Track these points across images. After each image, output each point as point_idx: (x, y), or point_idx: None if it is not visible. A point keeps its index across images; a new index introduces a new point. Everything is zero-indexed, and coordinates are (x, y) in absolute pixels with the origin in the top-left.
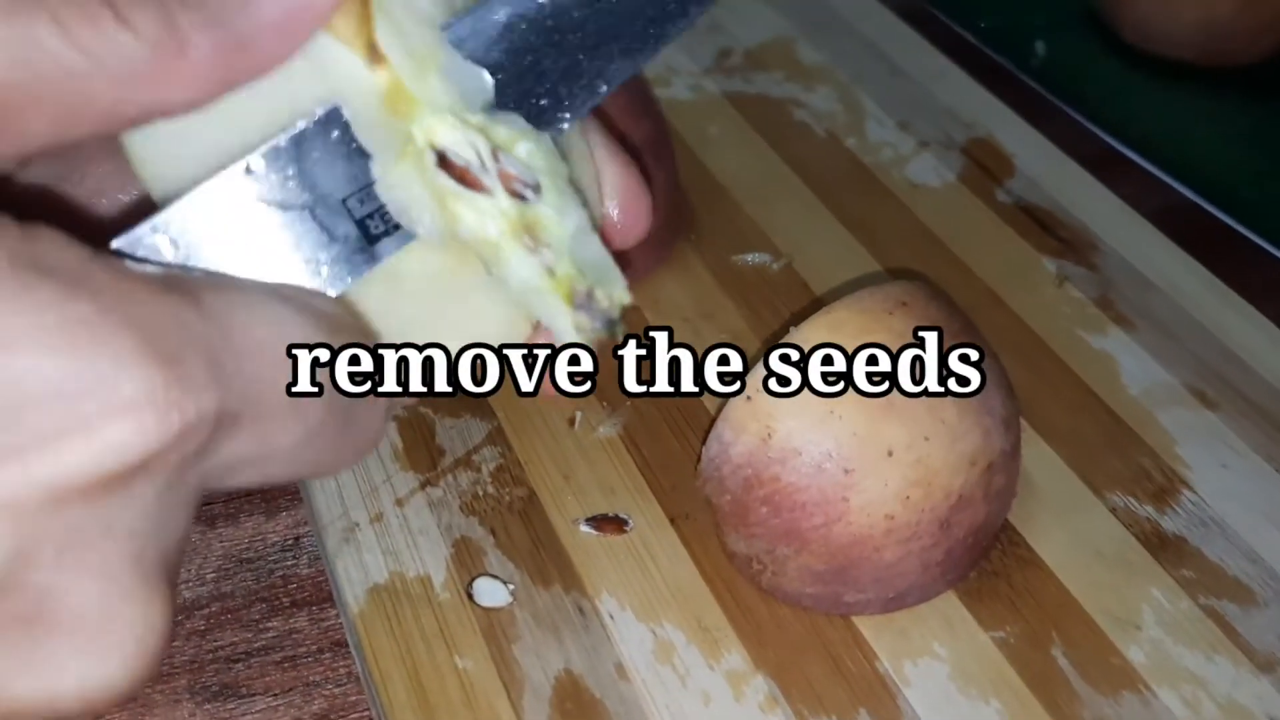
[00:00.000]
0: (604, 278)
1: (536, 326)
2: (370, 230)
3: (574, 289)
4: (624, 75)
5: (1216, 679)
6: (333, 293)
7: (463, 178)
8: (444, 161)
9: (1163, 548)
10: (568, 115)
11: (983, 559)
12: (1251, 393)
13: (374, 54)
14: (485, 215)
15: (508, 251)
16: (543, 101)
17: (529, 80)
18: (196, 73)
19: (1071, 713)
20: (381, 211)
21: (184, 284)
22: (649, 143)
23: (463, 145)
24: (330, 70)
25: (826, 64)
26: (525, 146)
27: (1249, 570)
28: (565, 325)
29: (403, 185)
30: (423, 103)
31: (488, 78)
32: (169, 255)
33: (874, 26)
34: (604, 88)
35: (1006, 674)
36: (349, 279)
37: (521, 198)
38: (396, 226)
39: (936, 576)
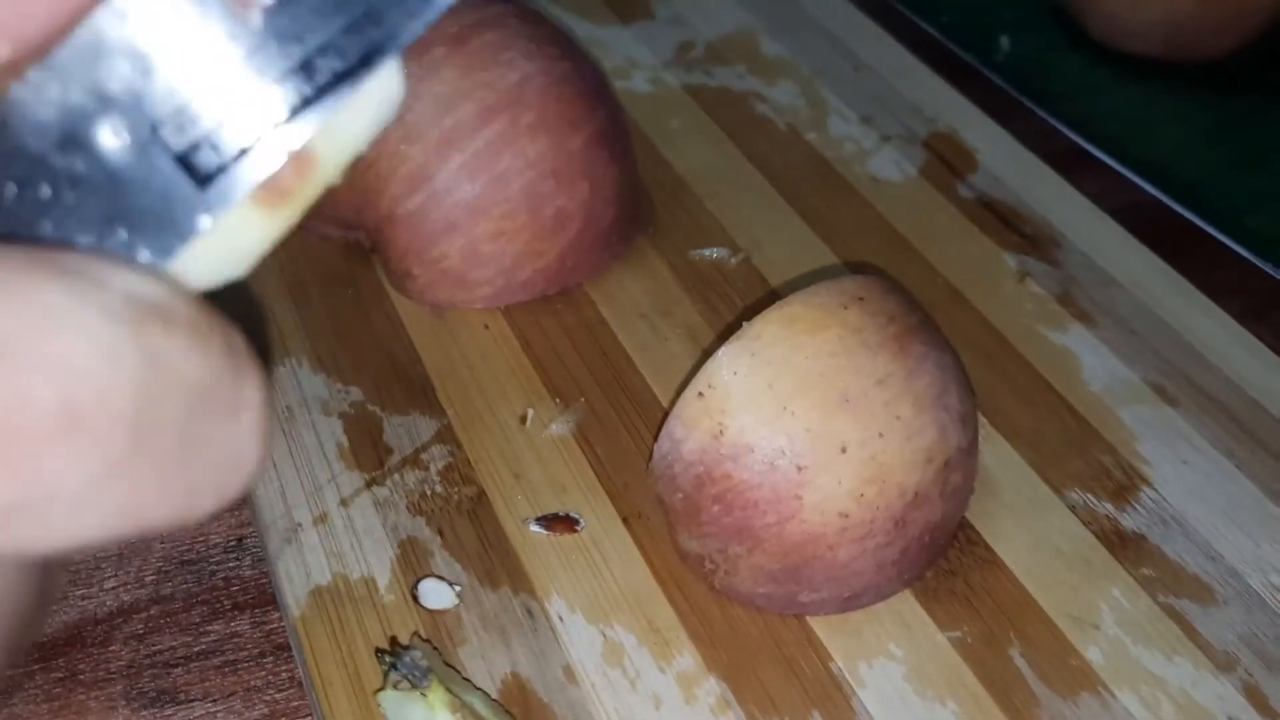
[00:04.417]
0: None
1: None
2: (199, 166)
3: None
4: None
5: (1176, 679)
6: (162, 265)
7: None
8: None
9: (1122, 546)
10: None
11: (940, 558)
12: (1212, 389)
13: None
14: None
15: None
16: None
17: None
18: None
19: (1029, 714)
20: (212, 138)
21: None
22: (603, 135)
23: None
24: None
25: (789, 58)
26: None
27: (1208, 568)
28: None
29: None
30: None
31: None
32: None
33: (837, 20)
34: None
35: (963, 675)
36: (176, 242)
37: None
38: (242, 152)
39: (892, 576)
